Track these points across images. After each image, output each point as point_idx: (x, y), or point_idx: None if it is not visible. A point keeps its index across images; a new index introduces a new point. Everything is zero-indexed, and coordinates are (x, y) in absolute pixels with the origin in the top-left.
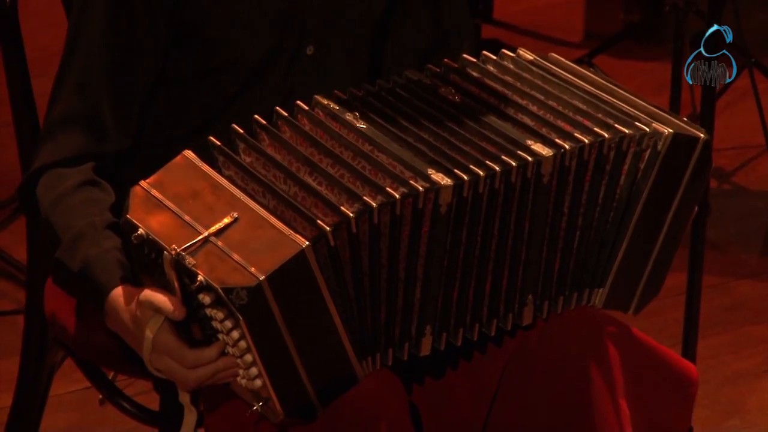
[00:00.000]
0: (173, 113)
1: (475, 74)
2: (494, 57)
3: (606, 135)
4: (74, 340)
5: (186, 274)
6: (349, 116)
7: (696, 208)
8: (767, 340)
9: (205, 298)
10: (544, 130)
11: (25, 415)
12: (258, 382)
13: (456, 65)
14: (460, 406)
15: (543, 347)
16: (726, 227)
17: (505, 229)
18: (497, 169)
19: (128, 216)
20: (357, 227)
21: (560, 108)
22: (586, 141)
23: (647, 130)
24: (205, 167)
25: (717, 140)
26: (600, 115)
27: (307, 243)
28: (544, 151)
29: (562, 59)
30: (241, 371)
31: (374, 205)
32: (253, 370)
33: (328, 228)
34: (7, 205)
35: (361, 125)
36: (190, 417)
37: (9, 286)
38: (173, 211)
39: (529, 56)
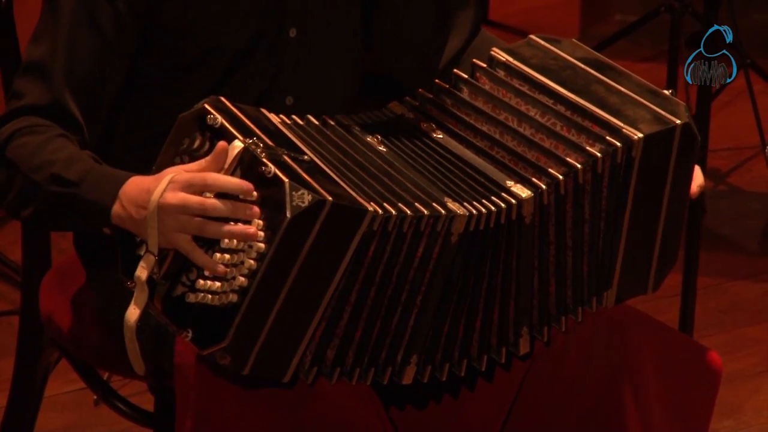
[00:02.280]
0: (160, 107)
1: (449, 102)
2: (465, 75)
3: (578, 165)
4: (69, 340)
5: (252, 165)
6: (369, 138)
7: (695, 175)
8: (762, 341)
9: (253, 194)
10: (519, 166)
11: (20, 415)
12: (233, 297)
13: (431, 95)
14: (476, 410)
15: (569, 347)
16: (721, 228)
17: (495, 267)
18: (493, 208)
19: (206, 105)
20: (394, 226)
21: (533, 134)
22: (561, 177)
23: (618, 145)
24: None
25: (712, 141)
26: (573, 133)
27: (372, 210)
28: (524, 193)
29: (539, 43)
30: (232, 273)
31: (408, 212)
32: (242, 280)
33: (380, 212)
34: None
35: (382, 148)
36: (141, 296)
37: (4, 286)
38: (251, 127)
39: (503, 57)
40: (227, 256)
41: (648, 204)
